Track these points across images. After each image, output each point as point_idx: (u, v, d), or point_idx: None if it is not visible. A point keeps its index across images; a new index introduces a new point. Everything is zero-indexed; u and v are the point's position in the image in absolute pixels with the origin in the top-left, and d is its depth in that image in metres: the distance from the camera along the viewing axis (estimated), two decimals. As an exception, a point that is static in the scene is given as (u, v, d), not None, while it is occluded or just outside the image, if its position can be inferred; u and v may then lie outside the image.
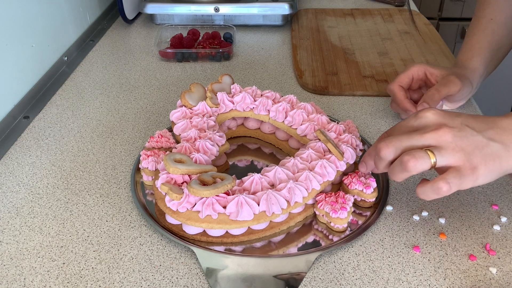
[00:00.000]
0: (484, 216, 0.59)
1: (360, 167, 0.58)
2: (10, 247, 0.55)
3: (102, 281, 0.51)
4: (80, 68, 0.95)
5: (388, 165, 0.51)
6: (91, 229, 0.57)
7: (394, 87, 0.73)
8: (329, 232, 0.56)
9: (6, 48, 0.78)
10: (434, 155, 0.47)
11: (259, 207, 0.52)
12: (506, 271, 0.52)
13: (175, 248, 0.55)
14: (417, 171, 0.48)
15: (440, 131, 0.48)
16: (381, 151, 0.50)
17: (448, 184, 0.47)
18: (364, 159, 0.56)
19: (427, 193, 0.48)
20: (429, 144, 0.48)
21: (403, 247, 0.55)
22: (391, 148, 0.50)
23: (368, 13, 1.18)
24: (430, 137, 0.48)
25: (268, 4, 1.08)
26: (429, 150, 0.48)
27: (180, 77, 0.91)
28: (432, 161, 0.47)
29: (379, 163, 0.52)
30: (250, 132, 0.73)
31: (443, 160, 0.47)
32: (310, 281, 0.51)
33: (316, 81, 0.87)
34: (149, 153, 0.62)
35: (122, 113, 0.80)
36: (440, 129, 0.48)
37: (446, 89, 0.70)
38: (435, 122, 0.49)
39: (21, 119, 0.78)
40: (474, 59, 0.74)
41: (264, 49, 1.02)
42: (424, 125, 0.50)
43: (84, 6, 1.06)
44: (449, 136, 0.48)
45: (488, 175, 0.48)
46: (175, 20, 1.12)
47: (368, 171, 0.57)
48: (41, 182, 0.64)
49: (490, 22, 0.75)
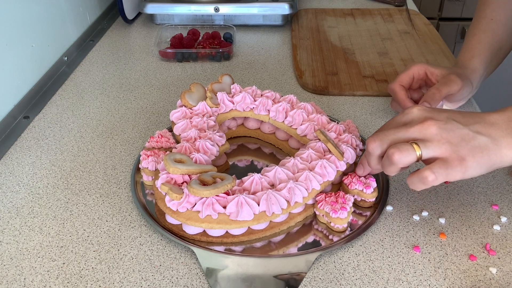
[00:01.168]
0: (484, 216, 0.59)
1: (357, 170, 0.59)
2: (10, 247, 0.55)
3: (102, 281, 0.51)
4: (80, 68, 0.95)
5: (379, 161, 0.53)
6: (91, 229, 0.57)
7: (395, 87, 0.73)
8: (329, 232, 0.56)
9: (6, 48, 0.78)
10: (419, 148, 0.48)
11: (259, 207, 0.52)
12: (506, 271, 0.52)
13: (175, 248, 0.55)
14: (403, 163, 0.49)
15: (425, 124, 0.49)
16: (368, 146, 0.52)
17: (433, 173, 0.47)
18: (360, 162, 0.58)
19: (414, 183, 0.49)
20: (415, 137, 0.49)
21: (403, 247, 0.55)
22: (377, 142, 0.51)
23: (368, 13, 1.18)
24: (416, 130, 0.49)
25: (268, 4, 1.08)
26: (415, 143, 0.48)
27: (180, 77, 0.91)
28: (418, 153, 0.48)
29: (369, 159, 0.53)
30: (250, 132, 0.73)
31: (429, 152, 0.48)
32: (310, 281, 0.51)
33: (316, 81, 0.87)
34: (149, 153, 0.62)
35: (122, 113, 0.80)
36: (425, 122, 0.49)
37: (447, 88, 0.70)
38: (421, 116, 0.50)
39: (21, 119, 0.78)
40: (474, 59, 0.74)
41: (264, 49, 1.02)
42: (411, 120, 0.51)
43: (84, 6, 1.06)
44: (434, 129, 0.48)
45: (477, 168, 0.48)
46: (175, 20, 1.12)
47: (365, 173, 0.58)
48: (41, 182, 0.64)
49: (490, 22, 0.75)
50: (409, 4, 1.26)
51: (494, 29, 0.75)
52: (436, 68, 0.73)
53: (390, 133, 0.51)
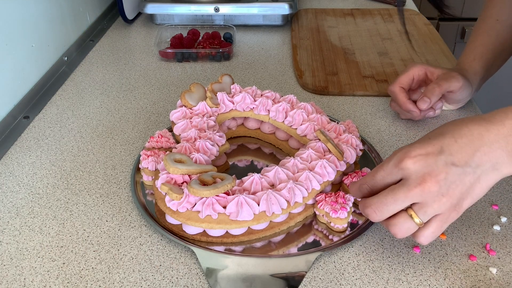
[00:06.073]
0: (484, 216, 0.59)
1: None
2: (10, 247, 0.55)
3: (102, 281, 0.51)
4: (80, 68, 0.95)
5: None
6: (91, 229, 0.57)
7: (395, 89, 0.73)
8: (329, 232, 0.56)
9: (6, 48, 0.78)
10: (418, 216, 0.46)
11: (259, 207, 0.52)
12: (506, 271, 0.52)
13: (175, 248, 0.55)
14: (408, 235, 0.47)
15: (425, 187, 0.45)
16: (371, 218, 0.48)
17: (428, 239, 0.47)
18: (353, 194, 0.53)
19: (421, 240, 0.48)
20: (414, 202, 0.46)
21: (403, 247, 0.55)
22: (378, 214, 0.47)
23: (368, 13, 1.18)
24: (416, 195, 0.45)
25: (268, 4, 1.08)
26: (413, 211, 0.46)
27: (180, 77, 0.91)
28: (418, 222, 0.46)
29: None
30: (250, 132, 0.73)
31: (429, 217, 0.46)
32: (310, 281, 0.51)
33: (316, 81, 0.87)
34: (149, 153, 0.62)
35: (122, 113, 0.80)
36: (424, 183, 0.45)
37: (447, 84, 0.69)
38: (419, 175, 0.45)
39: (21, 119, 0.78)
40: (475, 62, 0.74)
41: (264, 49, 1.02)
42: (407, 177, 0.46)
43: (84, 6, 1.06)
44: (434, 189, 0.45)
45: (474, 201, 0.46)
46: (175, 20, 1.12)
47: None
48: (41, 182, 0.64)
49: (495, 23, 0.74)
50: (409, 4, 1.26)
51: (499, 30, 0.74)
52: (436, 68, 0.73)
53: (389, 201, 0.46)
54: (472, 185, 0.45)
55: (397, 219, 0.47)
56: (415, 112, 0.72)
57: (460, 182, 0.45)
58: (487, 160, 0.45)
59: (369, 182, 0.49)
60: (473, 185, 0.45)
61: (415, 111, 0.72)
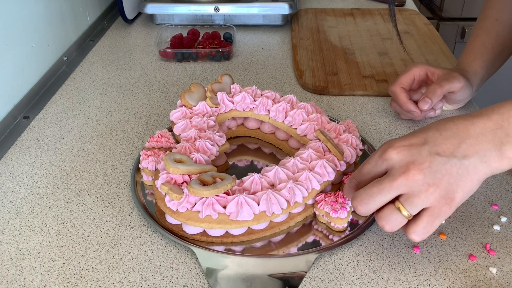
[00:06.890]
0: (484, 216, 0.59)
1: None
2: (10, 247, 0.55)
3: (102, 281, 0.51)
4: (80, 68, 0.95)
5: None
6: (91, 229, 0.57)
7: (396, 89, 0.73)
8: (329, 232, 0.56)
9: (6, 48, 0.78)
10: (406, 209, 0.46)
11: (259, 207, 0.52)
12: (506, 271, 0.52)
13: (175, 248, 0.55)
14: (395, 229, 0.47)
15: (409, 175, 0.45)
16: (357, 210, 0.48)
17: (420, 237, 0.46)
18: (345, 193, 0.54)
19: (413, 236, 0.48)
20: (400, 193, 0.46)
21: (403, 247, 0.55)
22: (364, 207, 0.47)
23: (368, 13, 1.18)
24: (401, 184, 0.45)
25: (268, 4, 1.08)
26: (400, 203, 0.46)
27: (180, 77, 0.91)
28: (406, 215, 0.46)
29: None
30: (250, 132, 0.73)
31: (417, 208, 0.46)
32: (310, 281, 0.51)
33: (316, 81, 0.87)
34: (149, 153, 0.62)
35: (122, 113, 0.80)
36: (408, 172, 0.45)
37: (448, 84, 0.69)
38: (402, 164, 0.45)
39: (21, 119, 0.78)
40: (475, 62, 0.73)
41: (264, 49, 1.02)
42: (391, 167, 0.46)
43: (84, 6, 1.06)
44: (419, 177, 0.45)
45: (467, 195, 0.46)
46: (175, 20, 1.12)
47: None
48: (41, 182, 0.64)
49: (495, 23, 0.74)
50: (409, 4, 1.26)
51: (499, 30, 0.74)
52: (437, 68, 0.73)
53: (374, 192, 0.46)
54: (461, 176, 0.45)
55: (384, 211, 0.47)
56: (415, 112, 0.72)
57: (446, 172, 0.45)
58: (474, 152, 0.45)
59: (356, 176, 0.50)
60: (462, 177, 0.45)
61: (416, 112, 0.72)
